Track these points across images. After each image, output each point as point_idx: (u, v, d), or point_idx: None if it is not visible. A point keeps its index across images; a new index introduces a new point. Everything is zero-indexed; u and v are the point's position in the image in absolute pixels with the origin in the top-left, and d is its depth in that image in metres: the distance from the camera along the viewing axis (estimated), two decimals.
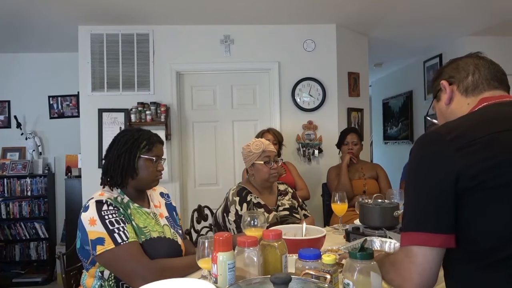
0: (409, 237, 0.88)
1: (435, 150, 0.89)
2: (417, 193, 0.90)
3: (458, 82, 1.05)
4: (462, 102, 1.04)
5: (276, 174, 2.11)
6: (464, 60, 1.07)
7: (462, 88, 1.04)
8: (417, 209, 0.89)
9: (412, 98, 5.31)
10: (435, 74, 1.14)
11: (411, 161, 0.94)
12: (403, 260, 0.89)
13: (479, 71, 1.03)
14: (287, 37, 3.72)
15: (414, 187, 0.91)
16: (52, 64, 4.32)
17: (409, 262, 0.87)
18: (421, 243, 0.86)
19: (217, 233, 1.19)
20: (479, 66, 1.04)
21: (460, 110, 1.04)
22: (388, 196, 2.11)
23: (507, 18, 3.64)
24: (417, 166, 0.92)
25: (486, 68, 1.03)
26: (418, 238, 0.86)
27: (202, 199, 3.18)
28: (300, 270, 1.08)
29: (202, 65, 3.68)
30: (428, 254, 0.85)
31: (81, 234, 1.39)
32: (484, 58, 1.06)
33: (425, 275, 0.86)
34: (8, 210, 4.06)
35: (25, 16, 3.28)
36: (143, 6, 3.18)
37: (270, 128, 3.24)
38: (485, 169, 0.83)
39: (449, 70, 1.08)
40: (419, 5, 3.30)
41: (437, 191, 0.86)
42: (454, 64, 1.08)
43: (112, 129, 3.53)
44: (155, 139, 1.55)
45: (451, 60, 1.11)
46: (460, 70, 1.05)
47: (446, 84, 1.07)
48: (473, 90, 1.03)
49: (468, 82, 1.03)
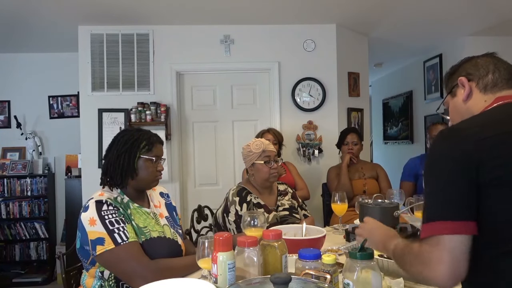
0: (436, 227, 0.88)
1: (455, 141, 0.91)
2: (440, 184, 0.91)
3: (477, 79, 1.06)
4: (479, 99, 1.05)
5: (276, 174, 2.11)
6: (483, 58, 1.09)
7: (481, 85, 1.05)
8: (441, 199, 0.90)
9: (412, 98, 5.30)
10: (450, 70, 1.15)
11: (431, 153, 0.95)
12: (432, 251, 0.87)
13: (499, 70, 1.05)
14: (287, 37, 3.72)
15: (436, 178, 0.92)
16: (52, 64, 4.31)
17: (440, 250, 0.86)
18: (452, 232, 0.86)
19: (217, 233, 1.19)
20: (498, 65, 1.06)
21: (476, 107, 1.05)
22: (388, 196, 2.12)
23: (507, 18, 3.64)
24: (438, 158, 0.93)
25: (505, 69, 1.05)
26: (448, 226, 0.86)
27: (202, 199, 3.18)
28: (300, 270, 1.08)
29: (202, 65, 3.68)
30: (460, 242, 0.86)
31: (81, 234, 1.39)
32: (501, 59, 1.09)
33: (458, 265, 0.86)
34: (8, 210, 4.06)
35: (25, 16, 3.28)
36: (143, 6, 3.18)
37: (270, 128, 3.23)
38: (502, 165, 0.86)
39: (467, 67, 1.09)
40: (419, 5, 3.30)
41: (460, 180, 0.88)
42: (472, 62, 1.09)
43: (112, 129, 3.53)
44: (155, 139, 1.55)
45: (467, 58, 1.12)
46: (480, 67, 1.07)
47: (465, 81, 1.07)
48: (492, 88, 1.04)
49: (488, 80, 1.04)
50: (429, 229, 0.89)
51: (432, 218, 0.89)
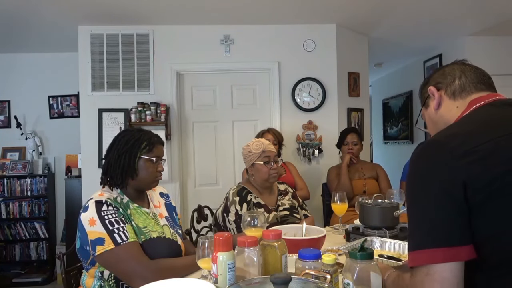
0: (424, 255, 0.82)
1: (437, 160, 0.85)
2: (427, 208, 0.84)
3: (445, 87, 1.07)
4: (450, 106, 1.05)
5: (276, 175, 2.11)
6: (450, 66, 1.10)
7: (449, 92, 1.06)
8: (430, 224, 0.83)
9: (412, 98, 5.30)
10: (422, 83, 1.17)
11: (413, 174, 0.89)
12: (423, 281, 0.82)
13: (465, 75, 1.05)
14: (287, 37, 3.72)
15: (422, 202, 0.86)
16: (52, 64, 4.32)
17: (430, 282, 0.81)
18: (446, 259, 0.80)
19: (217, 233, 1.19)
20: (465, 70, 1.06)
21: (449, 114, 1.05)
22: (388, 196, 2.11)
23: (507, 18, 3.63)
24: (422, 180, 0.87)
25: (472, 73, 1.06)
26: (440, 254, 0.80)
27: (202, 199, 3.18)
28: (300, 270, 1.08)
29: (202, 65, 3.68)
30: (455, 269, 0.80)
31: (80, 234, 1.38)
32: (469, 64, 1.09)
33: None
34: (8, 210, 4.06)
35: (25, 16, 3.28)
36: (143, 6, 3.18)
37: (270, 128, 3.23)
38: (491, 179, 0.81)
39: (436, 76, 1.11)
40: (419, 5, 3.30)
41: (448, 203, 0.82)
42: (440, 71, 1.11)
43: (112, 129, 3.53)
44: (155, 140, 1.55)
45: (437, 68, 1.14)
46: (447, 75, 1.08)
47: (434, 90, 1.09)
48: (460, 93, 1.04)
49: (455, 86, 1.05)
50: (416, 258, 0.84)
51: (419, 245, 0.84)
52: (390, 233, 1.68)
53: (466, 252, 0.81)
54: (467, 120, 0.98)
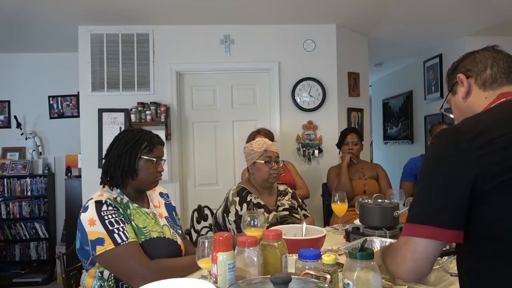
0: (413, 229, 0.89)
1: (455, 148, 0.87)
2: (432, 189, 0.89)
3: (475, 76, 1.02)
4: (479, 96, 1.02)
5: (275, 175, 2.11)
6: (481, 53, 1.04)
7: (480, 81, 1.02)
8: (428, 203, 0.88)
9: (412, 98, 5.31)
10: (451, 67, 1.12)
11: (430, 155, 0.93)
12: (401, 247, 0.91)
13: (498, 65, 1.00)
14: (287, 37, 3.72)
15: (429, 182, 0.91)
16: (52, 64, 4.31)
17: (406, 249, 0.89)
18: (426, 236, 0.86)
19: (217, 233, 1.19)
20: (497, 59, 1.01)
21: (478, 104, 1.02)
22: (388, 196, 2.11)
23: (507, 18, 3.64)
24: (436, 163, 0.90)
25: (505, 62, 1.00)
26: (423, 231, 0.87)
27: (202, 199, 3.18)
28: (300, 270, 1.08)
29: (202, 65, 3.68)
30: (430, 246, 0.87)
31: (80, 234, 1.38)
32: (501, 51, 1.04)
33: (421, 263, 0.88)
34: (8, 210, 4.06)
35: (25, 16, 3.28)
36: (143, 6, 3.18)
37: (261, 129, 3.13)
38: (504, 170, 0.82)
39: (466, 63, 1.06)
40: (419, 5, 3.30)
41: (453, 190, 0.86)
42: (471, 57, 1.05)
43: (112, 129, 3.53)
44: (156, 140, 1.55)
45: (467, 53, 1.08)
46: (478, 63, 1.02)
47: (464, 78, 1.04)
48: (491, 84, 1.00)
49: (487, 75, 1.01)
50: (407, 230, 0.91)
51: (414, 219, 0.90)
52: (390, 233, 1.68)
53: (451, 235, 0.86)
54: (492, 111, 0.96)
